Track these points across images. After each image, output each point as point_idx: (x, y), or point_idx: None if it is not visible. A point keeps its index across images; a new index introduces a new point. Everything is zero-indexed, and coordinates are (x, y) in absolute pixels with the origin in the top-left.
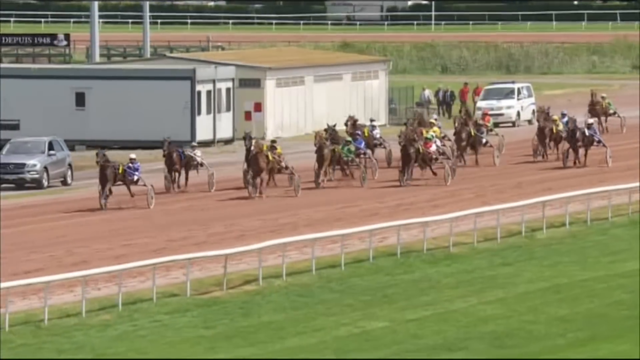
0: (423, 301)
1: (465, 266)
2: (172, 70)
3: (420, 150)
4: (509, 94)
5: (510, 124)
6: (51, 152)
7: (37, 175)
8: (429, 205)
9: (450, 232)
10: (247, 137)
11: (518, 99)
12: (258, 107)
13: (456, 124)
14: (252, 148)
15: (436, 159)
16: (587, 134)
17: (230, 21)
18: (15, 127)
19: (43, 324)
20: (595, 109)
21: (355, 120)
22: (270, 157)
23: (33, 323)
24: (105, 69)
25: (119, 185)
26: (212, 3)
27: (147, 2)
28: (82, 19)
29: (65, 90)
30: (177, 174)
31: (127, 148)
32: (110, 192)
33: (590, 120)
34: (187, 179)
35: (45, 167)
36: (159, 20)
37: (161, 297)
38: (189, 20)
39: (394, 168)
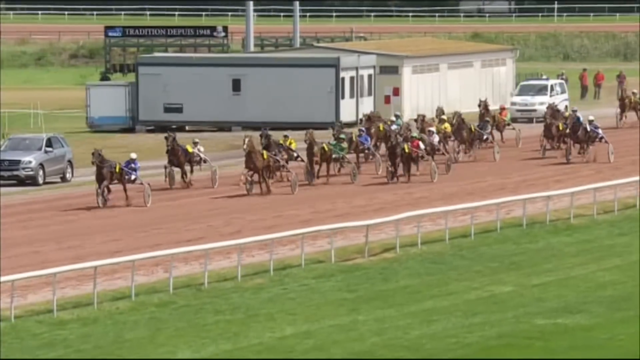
0: (546, 268)
1: (585, 236)
2: (318, 59)
3: (407, 150)
4: (542, 90)
5: (542, 119)
6: (48, 148)
7: (32, 172)
8: (551, 181)
9: (571, 205)
10: (245, 139)
11: (551, 95)
12: (396, 91)
13: (454, 121)
14: (245, 147)
15: (422, 157)
16: (588, 129)
17: (372, 14)
18: (179, 110)
19: (203, 287)
20: (625, 103)
21: (487, 105)
22: (265, 156)
23: (194, 286)
24: (259, 58)
25: (116, 183)
26: None
27: None
28: (239, 13)
29: (223, 77)
30: (181, 169)
31: (278, 129)
32: (109, 190)
33: (592, 117)
34: (191, 172)
35: (42, 164)
36: (308, 14)
37: (308, 263)
38: (334, 14)
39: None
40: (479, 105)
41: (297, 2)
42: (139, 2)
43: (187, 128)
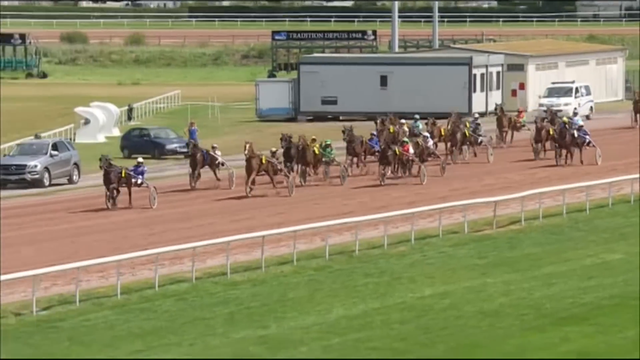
0: None
1: None
2: (454, 58)
3: (397, 153)
4: (567, 92)
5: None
6: (54, 152)
7: (37, 176)
8: None
9: None
10: (245, 145)
11: (575, 97)
12: (522, 86)
13: (449, 125)
14: (246, 152)
15: (412, 160)
16: (575, 135)
17: (501, 19)
18: (334, 102)
19: (355, 253)
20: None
21: (502, 109)
22: (264, 160)
23: (347, 253)
24: (403, 57)
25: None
26: (486, 4)
27: (437, 3)
28: (386, 19)
29: (372, 74)
30: (199, 172)
31: (421, 119)
32: (119, 192)
33: (581, 123)
34: (216, 175)
35: (47, 168)
36: (445, 19)
37: (445, 233)
38: (468, 19)
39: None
40: (495, 109)
41: (437, 9)
42: (301, 11)
43: (340, 118)
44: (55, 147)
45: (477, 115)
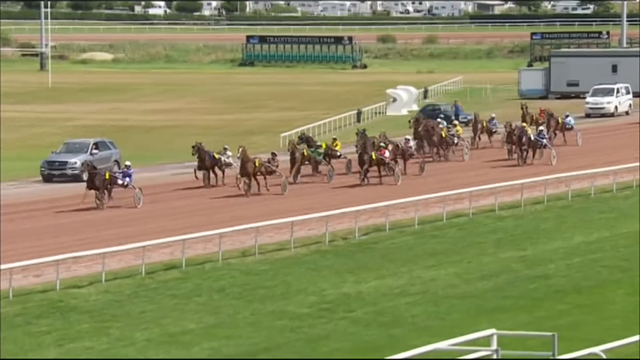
0: None
1: None
2: None
3: (374, 157)
4: (609, 92)
5: (610, 115)
6: (94, 151)
7: (77, 172)
8: None
9: None
10: (239, 149)
11: (617, 96)
12: None
13: (420, 128)
14: (239, 156)
15: (387, 163)
16: (532, 138)
17: None
18: (576, 84)
19: (590, 196)
20: None
21: (527, 108)
22: (257, 163)
23: (584, 195)
24: (629, 51)
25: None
26: None
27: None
28: (616, 22)
29: (606, 63)
30: (208, 172)
31: None
32: (104, 194)
33: (541, 127)
34: (217, 175)
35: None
36: None
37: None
38: None
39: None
40: (522, 109)
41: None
42: (553, 17)
43: (581, 96)
44: (96, 146)
45: (493, 115)
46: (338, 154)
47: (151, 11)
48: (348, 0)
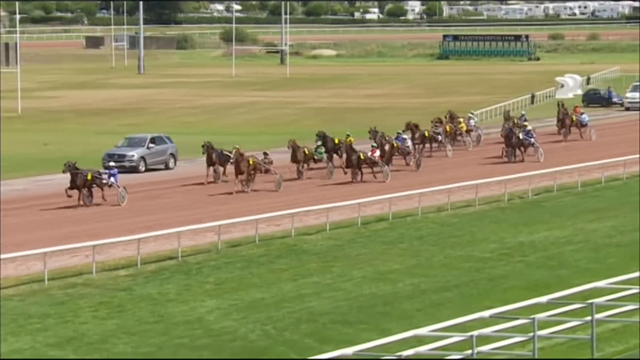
0: None
1: None
2: None
3: (362, 157)
4: None
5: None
6: (151, 145)
7: (134, 164)
8: None
9: None
10: (233, 150)
11: None
12: None
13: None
14: (233, 157)
15: (376, 162)
16: (521, 137)
17: None
18: None
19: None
20: None
21: (564, 105)
22: (251, 162)
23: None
24: None
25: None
26: None
27: None
28: None
29: None
30: (219, 168)
31: None
32: (91, 193)
33: (529, 127)
34: (225, 170)
35: (143, 157)
36: None
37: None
38: None
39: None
40: (558, 105)
41: None
42: None
43: None
44: (153, 140)
45: (523, 113)
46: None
47: (367, 16)
48: (525, 5)
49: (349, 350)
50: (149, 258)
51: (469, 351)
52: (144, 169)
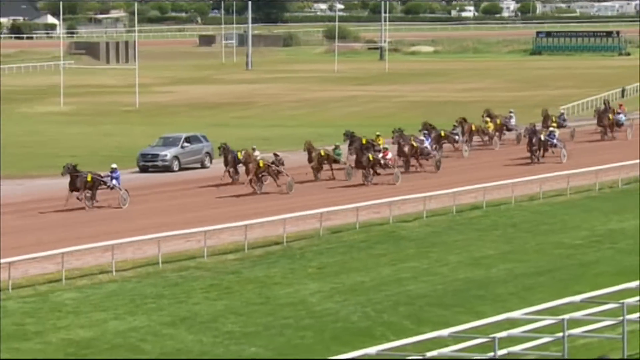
0: None
1: None
2: None
3: (371, 158)
4: None
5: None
6: (185, 144)
7: (167, 163)
8: None
9: None
10: (242, 151)
11: None
12: None
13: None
14: (242, 158)
15: (386, 164)
16: (542, 139)
17: None
18: None
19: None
20: None
21: (609, 103)
22: (262, 164)
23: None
24: None
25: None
26: None
27: None
28: None
29: None
30: (234, 170)
31: None
32: (94, 195)
33: (551, 129)
34: (238, 173)
35: (177, 157)
36: None
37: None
38: None
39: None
40: (604, 103)
41: None
42: None
43: None
44: (188, 139)
45: (562, 111)
46: (377, 148)
47: (464, 14)
48: (617, 2)
49: (372, 350)
50: (255, 243)
51: (560, 334)
52: (177, 168)
